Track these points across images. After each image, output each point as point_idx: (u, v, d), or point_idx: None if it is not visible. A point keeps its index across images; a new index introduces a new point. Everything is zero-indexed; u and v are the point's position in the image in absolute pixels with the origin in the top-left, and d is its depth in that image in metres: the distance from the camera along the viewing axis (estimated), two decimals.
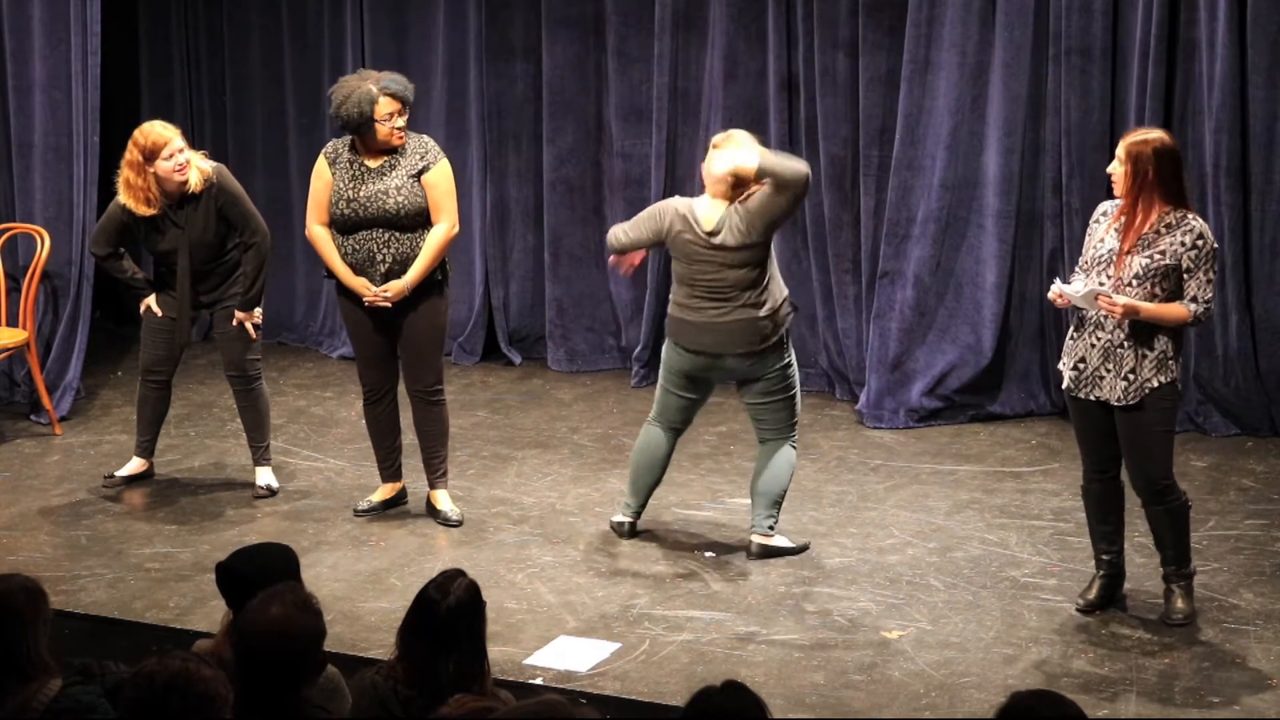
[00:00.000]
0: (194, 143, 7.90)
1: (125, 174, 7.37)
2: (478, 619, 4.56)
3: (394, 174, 7.10)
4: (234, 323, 7.53)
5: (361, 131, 7.09)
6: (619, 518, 7.23)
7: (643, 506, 7.21)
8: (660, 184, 9.41)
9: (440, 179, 7.15)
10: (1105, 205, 6.34)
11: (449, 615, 4.49)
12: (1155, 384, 6.11)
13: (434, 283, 7.21)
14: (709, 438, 8.37)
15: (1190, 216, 6.08)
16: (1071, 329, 6.30)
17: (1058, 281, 6.25)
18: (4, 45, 8.89)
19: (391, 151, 7.13)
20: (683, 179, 9.44)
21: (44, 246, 8.63)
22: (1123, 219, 6.16)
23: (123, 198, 7.40)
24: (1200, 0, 8.17)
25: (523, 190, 9.93)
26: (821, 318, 9.22)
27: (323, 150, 7.28)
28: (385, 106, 7.04)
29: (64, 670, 4.37)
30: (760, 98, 9.17)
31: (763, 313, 6.82)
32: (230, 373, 7.69)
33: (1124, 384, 6.13)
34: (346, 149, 7.18)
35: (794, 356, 7.04)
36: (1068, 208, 8.51)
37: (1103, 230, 6.23)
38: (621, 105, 9.56)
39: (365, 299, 7.14)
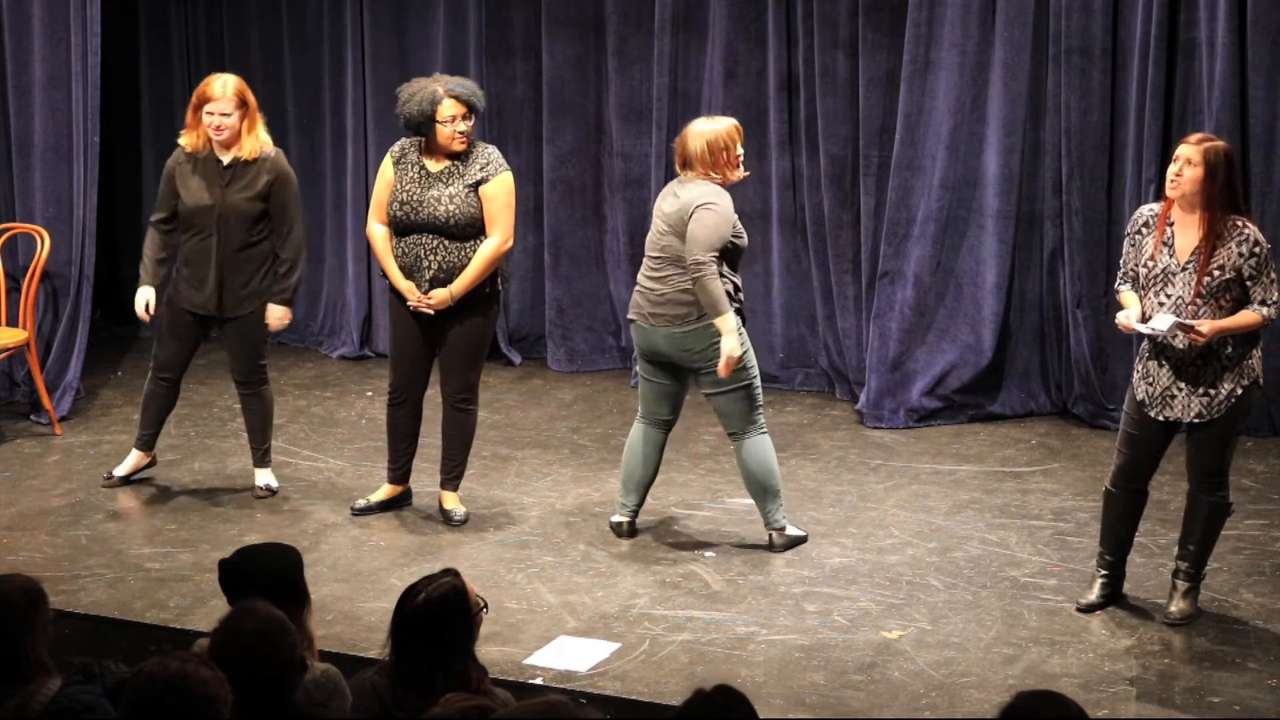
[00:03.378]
0: None
1: (188, 115, 7.50)
2: (455, 617, 4.52)
3: (453, 181, 7.07)
4: (274, 321, 7.50)
5: (423, 131, 7.07)
6: (617, 518, 7.22)
7: (639, 505, 7.20)
8: (660, 184, 9.38)
9: (499, 191, 7.10)
10: (1143, 214, 6.24)
11: (415, 612, 4.50)
12: (1239, 392, 6.09)
13: (482, 295, 7.17)
14: (709, 438, 8.37)
15: (1241, 223, 6.03)
16: (1141, 346, 6.24)
17: (1131, 317, 6.12)
18: (4, 45, 8.87)
19: (455, 157, 7.10)
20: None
21: (44, 246, 8.63)
22: (1170, 229, 6.08)
23: (182, 139, 7.50)
24: (1200, 0, 8.17)
25: (523, 190, 9.86)
26: (821, 318, 9.21)
27: (390, 149, 7.28)
28: (448, 109, 7.00)
29: (64, 670, 4.37)
30: (760, 98, 9.17)
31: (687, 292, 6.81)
32: (236, 377, 7.68)
33: (1203, 400, 6.09)
34: (414, 150, 7.17)
35: (750, 350, 6.95)
36: (1068, 208, 8.51)
37: (1150, 245, 6.13)
38: (621, 105, 9.56)
39: (409, 303, 7.14)
